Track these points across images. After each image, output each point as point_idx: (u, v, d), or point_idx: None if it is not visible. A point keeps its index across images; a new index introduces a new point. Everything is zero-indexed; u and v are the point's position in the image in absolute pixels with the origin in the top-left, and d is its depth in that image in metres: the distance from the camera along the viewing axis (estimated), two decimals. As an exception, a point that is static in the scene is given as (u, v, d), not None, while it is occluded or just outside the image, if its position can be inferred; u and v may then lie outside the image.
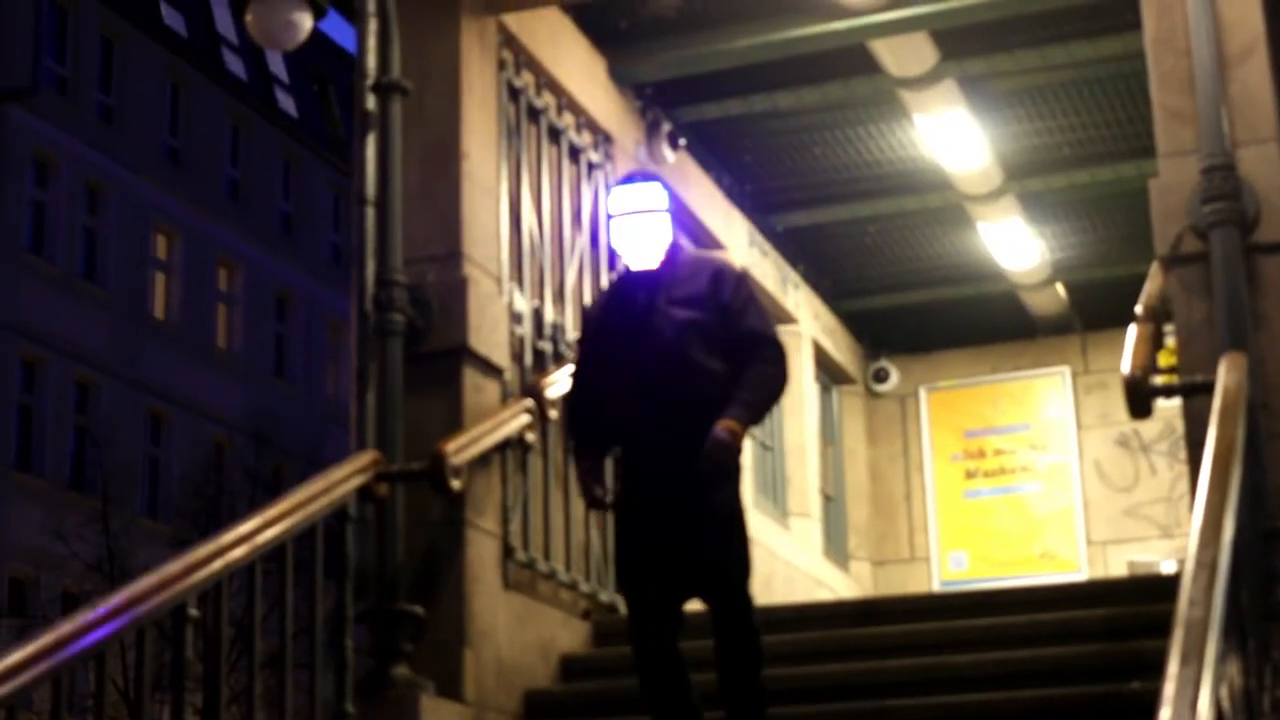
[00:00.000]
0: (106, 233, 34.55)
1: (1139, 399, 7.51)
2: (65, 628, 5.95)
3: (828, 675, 8.68)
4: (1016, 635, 8.75)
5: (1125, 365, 7.55)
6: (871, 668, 8.69)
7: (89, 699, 5.96)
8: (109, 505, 28.34)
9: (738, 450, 7.03)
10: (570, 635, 9.55)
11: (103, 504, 28.38)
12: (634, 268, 7.35)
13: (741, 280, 7.39)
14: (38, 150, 32.82)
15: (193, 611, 6.54)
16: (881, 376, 16.72)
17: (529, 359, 9.49)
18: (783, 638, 9.35)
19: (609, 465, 7.62)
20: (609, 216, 7.46)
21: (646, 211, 7.35)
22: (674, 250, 7.40)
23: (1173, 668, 4.45)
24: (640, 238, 7.35)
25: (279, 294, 39.50)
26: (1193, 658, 4.49)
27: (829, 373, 16.24)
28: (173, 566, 6.51)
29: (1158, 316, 7.88)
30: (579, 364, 7.63)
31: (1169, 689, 4.34)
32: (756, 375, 7.09)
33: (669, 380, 7.09)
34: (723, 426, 6.93)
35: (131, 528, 29.20)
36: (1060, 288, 15.67)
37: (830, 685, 8.53)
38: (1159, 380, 7.60)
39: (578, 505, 9.72)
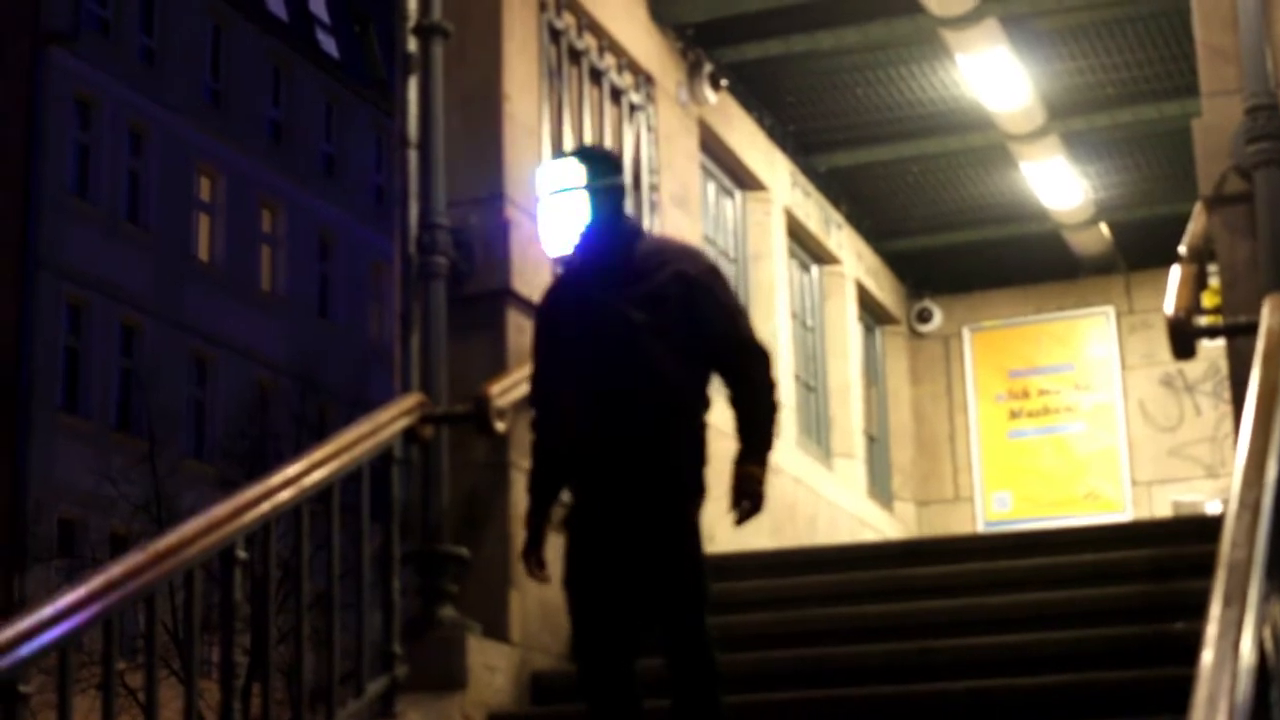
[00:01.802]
0: (149, 175, 34.61)
1: (1182, 340, 7.49)
2: (115, 570, 6.02)
3: (869, 616, 8.71)
4: (1059, 576, 8.76)
5: (1169, 306, 7.54)
6: (912, 608, 8.71)
7: (139, 640, 6.01)
8: (155, 447, 28.48)
9: (761, 491, 6.43)
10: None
11: (149, 445, 28.52)
12: (567, 253, 6.68)
13: (714, 275, 6.59)
14: (80, 93, 32.88)
15: (241, 553, 6.61)
16: (925, 317, 16.71)
17: (572, 300, 9.49)
18: (824, 578, 9.41)
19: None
20: (535, 198, 6.94)
21: (570, 189, 6.58)
22: (629, 237, 6.65)
23: (1215, 609, 4.45)
24: (568, 217, 6.61)
25: (322, 235, 39.54)
26: (1235, 599, 4.49)
27: (872, 313, 16.23)
28: (220, 509, 6.57)
29: (1201, 257, 7.86)
30: (535, 379, 6.81)
31: (1211, 630, 4.35)
32: (759, 405, 6.45)
33: (625, 388, 6.35)
34: (747, 476, 6.35)
35: (178, 469, 29.35)
36: (1104, 227, 15.61)
37: (871, 626, 8.56)
38: (1203, 321, 7.59)
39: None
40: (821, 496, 13.60)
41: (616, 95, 10.53)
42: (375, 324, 39.91)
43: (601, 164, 6.66)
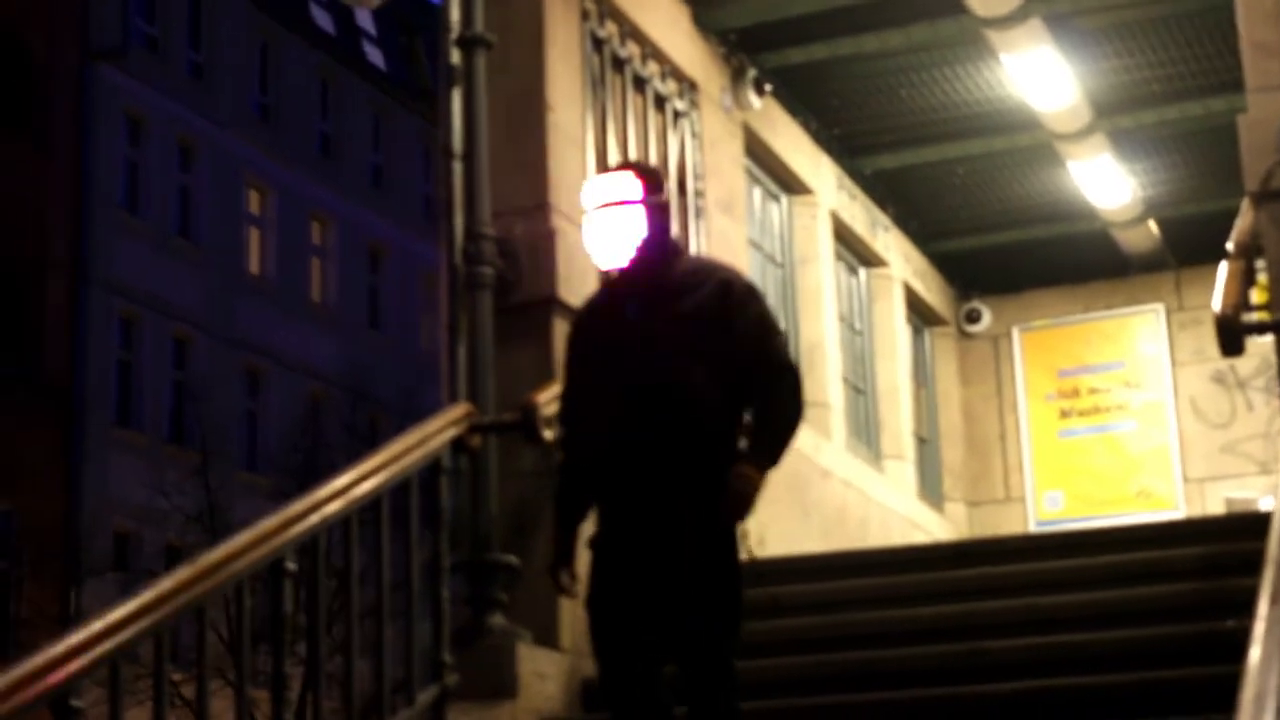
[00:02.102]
0: (199, 190, 34.81)
1: (1230, 336, 7.47)
2: (165, 584, 6.06)
3: (919, 618, 8.70)
4: (1110, 575, 8.74)
5: (1216, 303, 7.52)
6: (963, 610, 8.70)
7: (192, 651, 6.07)
8: (208, 459, 28.63)
9: (753, 496, 6.20)
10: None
11: (202, 458, 28.67)
12: (611, 269, 6.49)
13: (753, 295, 6.44)
14: (129, 109, 33.08)
15: (290, 565, 6.64)
16: (974, 317, 16.67)
17: (619, 307, 9.50)
18: (874, 581, 9.40)
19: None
20: (586, 212, 6.55)
21: (620, 203, 6.40)
22: (670, 255, 6.49)
23: (1262, 607, 4.46)
24: (618, 233, 6.41)
25: (372, 247, 39.68)
26: (1283, 596, 4.49)
27: (920, 315, 16.21)
28: (269, 522, 6.60)
29: (1249, 253, 7.83)
30: (565, 394, 6.70)
31: (1258, 628, 4.35)
32: (778, 414, 6.27)
33: (662, 411, 6.17)
34: (744, 475, 6.13)
35: (231, 481, 29.51)
36: (1153, 224, 15.55)
37: (921, 628, 8.55)
38: (1251, 317, 7.56)
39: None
40: (872, 499, 13.59)
41: (660, 102, 10.54)
42: (425, 335, 40.03)
43: (653, 179, 6.51)
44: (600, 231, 6.45)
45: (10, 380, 28.78)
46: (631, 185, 6.42)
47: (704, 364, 6.18)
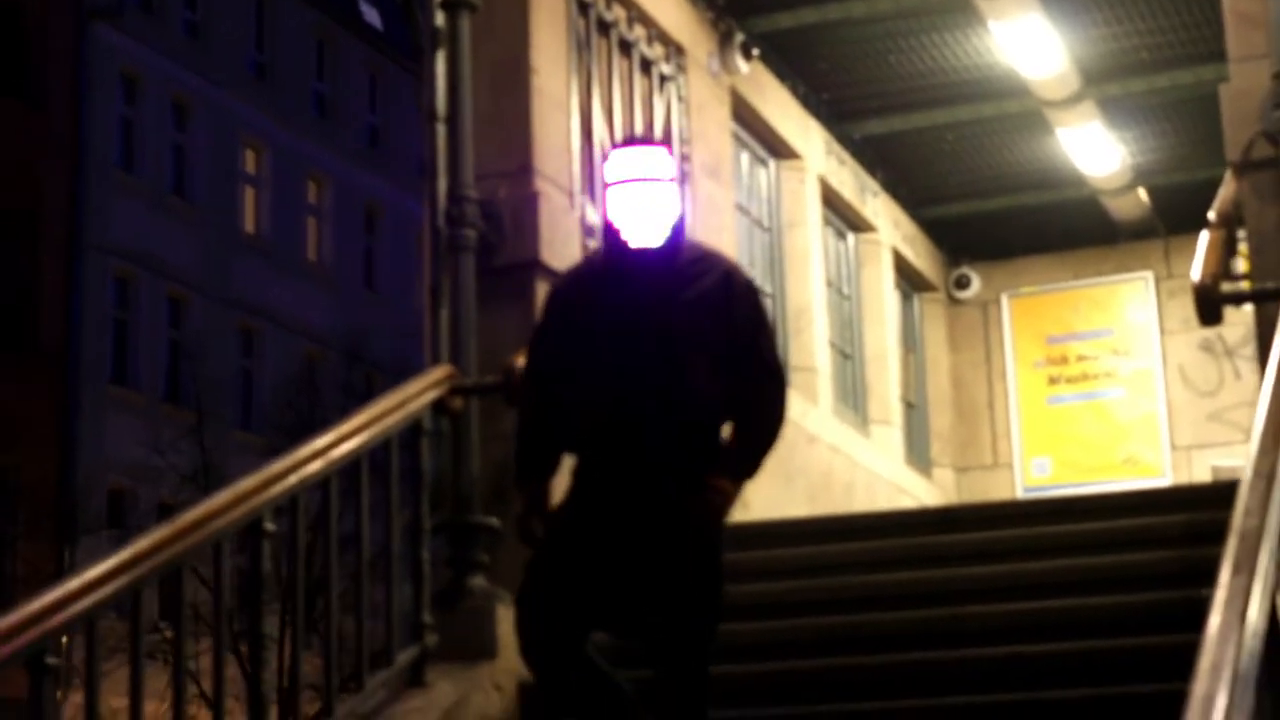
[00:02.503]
0: (195, 149, 34.78)
1: (1209, 306, 7.48)
2: (142, 543, 6.10)
3: (902, 583, 8.72)
4: (1094, 541, 8.75)
5: (1195, 272, 7.53)
6: (946, 575, 8.71)
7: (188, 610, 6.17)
8: (204, 418, 28.62)
9: (727, 509, 6.08)
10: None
11: (197, 417, 28.66)
12: (633, 244, 6.11)
13: (754, 294, 6.29)
14: (125, 68, 33.03)
15: (269, 526, 6.67)
16: (963, 283, 16.70)
17: (603, 271, 9.52)
18: (858, 545, 9.43)
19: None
20: (605, 185, 6.20)
21: (652, 180, 6.10)
22: (678, 237, 6.19)
23: (1224, 576, 4.48)
24: (644, 210, 6.08)
25: (368, 207, 39.66)
26: (1244, 567, 4.51)
27: (909, 280, 16.23)
28: (248, 482, 6.64)
29: (1231, 222, 7.84)
30: (538, 355, 6.39)
31: (1219, 596, 4.38)
32: (762, 423, 6.11)
33: (659, 396, 5.98)
34: (720, 490, 6.00)
35: (226, 440, 29.55)
36: (1142, 192, 15.57)
37: (904, 593, 8.57)
38: (1229, 287, 7.57)
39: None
40: (858, 464, 13.63)
41: (646, 66, 10.54)
42: (420, 295, 39.97)
43: (669, 158, 6.26)
44: (625, 206, 6.09)
45: (6, 339, 28.81)
46: (665, 162, 6.17)
47: (705, 354, 6.00)
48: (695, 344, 6.00)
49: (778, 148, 13.15)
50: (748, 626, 8.46)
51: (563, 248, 8.93)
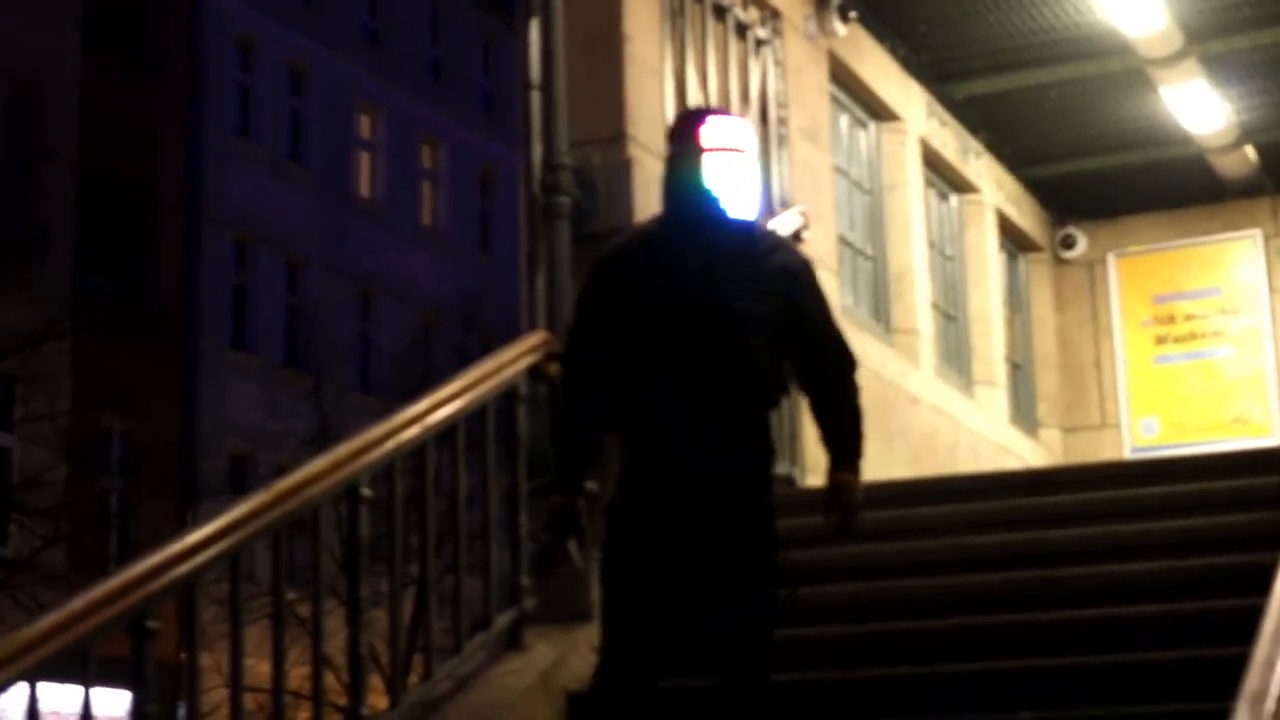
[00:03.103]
0: (310, 114, 35.05)
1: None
2: (240, 509, 6.25)
3: (998, 545, 8.76)
4: (1192, 503, 8.72)
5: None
6: (1042, 537, 8.75)
7: (306, 571, 6.26)
8: (322, 382, 28.89)
9: (858, 501, 6.04)
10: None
11: (315, 381, 28.93)
12: (730, 214, 5.96)
13: (813, 273, 6.11)
14: (240, 34, 33.34)
15: (365, 491, 6.80)
16: (1069, 243, 16.62)
17: (699, 237, 9.59)
18: (956, 508, 9.47)
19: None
20: (703, 151, 5.97)
21: (739, 151, 6.02)
22: (748, 213, 6.11)
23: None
24: (734, 180, 5.99)
25: (483, 170, 39.83)
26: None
27: (1014, 241, 16.19)
28: (344, 448, 6.78)
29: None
30: (586, 332, 6.13)
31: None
32: (848, 411, 6.03)
33: (722, 378, 5.81)
34: (848, 485, 6.01)
35: (344, 403, 29.77)
36: (1249, 150, 15.43)
37: (999, 555, 8.61)
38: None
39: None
40: (962, 425, 13.64)
41: (741, 31, 10.58)
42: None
43: (751, 131, 6.21)
44: (716, 173, 5.98)
45: (127, 304, 29.17)
46: (747, 135, 6.09)
47: (767, 336, 5.85)
48: (758, 325, 5.83)
49: (877, 110, 13.17)
50: (844, 588, 8.55)
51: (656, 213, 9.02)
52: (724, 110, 6.43)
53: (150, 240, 30.46)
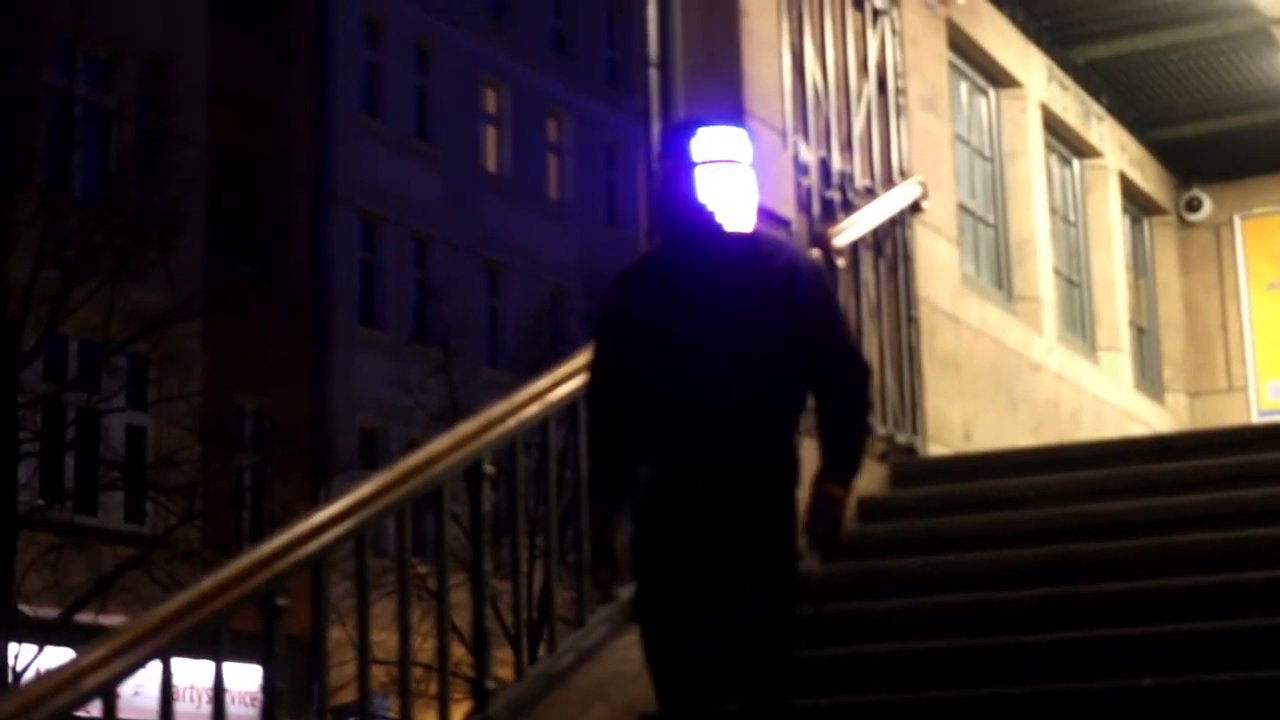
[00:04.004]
0: (436, 90, 35.29)
1: None
2: (366, 488, 6.39)
3: (1119, 512, 8.79)
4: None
5: None
6: (1164, 504, 8.77)
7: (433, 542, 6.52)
8: (451, 356, 29.11)
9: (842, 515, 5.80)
10: (868, 478, 9.72)
11: (444, 355, 29.16)
12: (715, 228, 5.78)
13: (821, 276, 6.07)
14: (368, 12, 33.62)
15: (488, 468, 6.93)
16: (1194, 206, 16.50)
17: (816, 208, 9.67)
18: (1076, 475, 9.50)
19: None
20: (693, 163, 5.82)
21: (732, 161, 5.87)
22: (750, 225, 5.91)
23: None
24: (729, 192, 5.82)
25: (609, 142, 39.96)
26: None
27: (1138, 204, 16.10)
28: (467, 426, 6.91)
29: None
30: (603, 358, 6.12)
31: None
32: (859, 422, 5.92)
33: (733, 392, 5.69)
34: (833, 496, 5.73)
35: (473, 377, 29.99)
36: (1376, 108, 15.29)
37: (1120, 522, 8.65)
38: None
39: (873, 349, 9.91)
40: (1085, 391, 13.61)
41: (859, 2, 10.59)
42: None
43: (748, 140, 5.97)
44: (710, 186, 5.80)
45: (258, 282, 29.52)
46: (744, 146, 5.91)
47: (779, 345, 5.73)
48: (767, 336, 5.72)
49: (997, 76, 13.14)
50: (967, 557, 8.62)
51: (776, 187, 9.09)
52: (718, 119, 6.04)
53: (280, 219, 30.81)
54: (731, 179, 5.81)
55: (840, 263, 9.50)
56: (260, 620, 5.91)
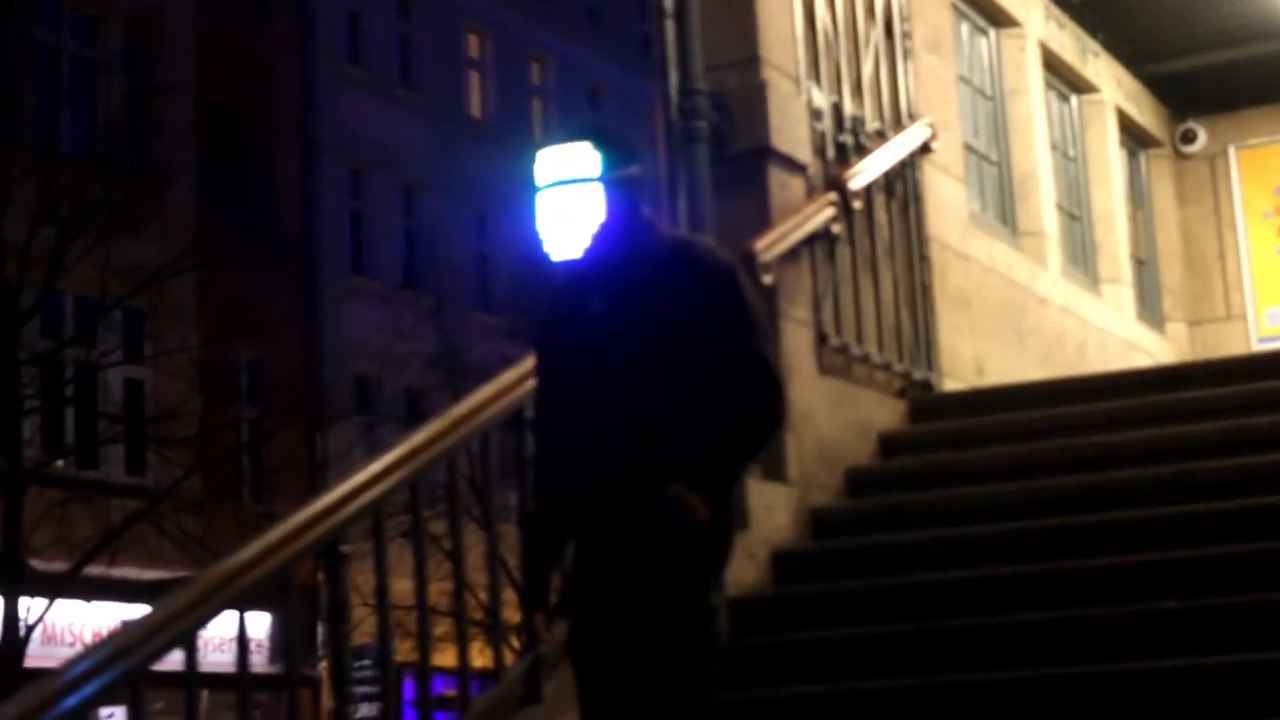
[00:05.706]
0: (419, 37, 35.29)
1: None
2: (419, 437, 6.57)
3: (1130, 442, 8.98)
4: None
5: None
6: (1174, 432, 8.97)
7: (438, 491, 6.56)
8: (443, 302, 29.20)
9: (696, 525, 5.06)
10: (887, 414, 9.96)
11: (436, 301, 29.25)
12: (567, 257, 5.38)
13: (730, 276, 5.28)
14: (348, -39, 33.62)
15: (529, 414, 7.10)
16: (1189, 138, 16.66)
17: (831, 152, 9.82)
18: (1089, 406, 9.69)
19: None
20: (534, 189, 5.40)
21: (577, 181, 5.31)
22: (642, 241, 5.35)
23: None
24: (571, 217, 5.34)
25: (592, 86, 39.98)
26: None
27: (1135, 138, 16.26)
28: (509, 375, 7.08)
29: None
30: (539, 404, 5.77)
31: None
32: (733, 427, 5.14)
33: (621, 429, 5.14)
34: (678, 503, 5.01)
35: (466, 322, 30.09)
36: (1370, 37, 15.43)
37: (1134, 451, 8.83)
38: None
39: (887, 289, 10.10)
40: (1089, 323, 13.80)
41: (864, -53, 10.74)
42: (648, 175, 40.16)
43: (618, 151, 5.36)
44: (553, 212, 5.38)
45: (247, 233, 29.55)
46: (590, 159, 5.31)
47: (670, 366, 5.13)
48: (655, 355, 5.14)
49: (997, 16, 13.28)
50: (988, 489, 8.81)
51: (792, 133, 9.26)
52: (580, 135, 5.36)
53: (268, 170, 30.84)
54: (569, 202, 5.33)
55: (857, 205, 9.67)
56: (324, 569, 6.09)
